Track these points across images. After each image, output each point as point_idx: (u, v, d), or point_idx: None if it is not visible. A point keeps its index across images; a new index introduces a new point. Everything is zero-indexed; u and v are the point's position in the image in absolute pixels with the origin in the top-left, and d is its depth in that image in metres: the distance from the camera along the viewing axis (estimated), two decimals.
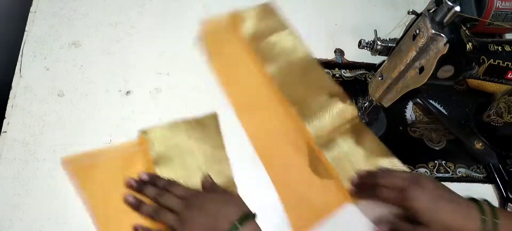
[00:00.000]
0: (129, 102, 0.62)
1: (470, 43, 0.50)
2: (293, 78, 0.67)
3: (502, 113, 0.64)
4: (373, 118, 0.67)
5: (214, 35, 0.69)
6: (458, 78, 0.52)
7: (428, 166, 0.66)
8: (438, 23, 0.48)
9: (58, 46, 0.63)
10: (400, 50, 0.55)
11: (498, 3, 0.63)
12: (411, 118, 0.70)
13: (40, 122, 0.57)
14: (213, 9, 0.72)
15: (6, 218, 0.51)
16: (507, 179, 0.65)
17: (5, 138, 0.56)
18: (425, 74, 0.50)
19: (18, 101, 0.58)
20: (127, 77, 0.64)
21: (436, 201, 0.49)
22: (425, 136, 0.69)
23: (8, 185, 0.53)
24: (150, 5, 0.70)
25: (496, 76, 0.54)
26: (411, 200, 0.50)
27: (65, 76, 0.61)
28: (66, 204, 0.53)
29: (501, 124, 0.65)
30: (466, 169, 0.67)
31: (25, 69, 0.61)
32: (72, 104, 0.60)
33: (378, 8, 0.80)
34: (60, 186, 0.54)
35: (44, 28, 0.64)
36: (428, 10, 0.49)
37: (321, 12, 0.77)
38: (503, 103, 0.64)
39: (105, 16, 0.67)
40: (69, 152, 0.56)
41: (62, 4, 0.66)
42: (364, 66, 0.73)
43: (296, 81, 0.67)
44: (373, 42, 0.58)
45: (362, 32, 0.73)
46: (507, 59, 0.52)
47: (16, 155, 0.55)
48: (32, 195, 0.53)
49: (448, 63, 0.49)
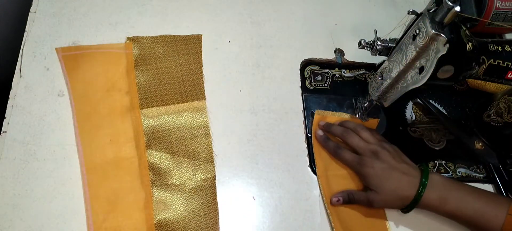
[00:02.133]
0: None
1: (470, 43, 0.50)
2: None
3: (502, 114, 0.64)
4: (373, 118, 0.67)
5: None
6: (458, 78, 0.52)
7: (428, 166, 0.66)
8: (438, 23, 0.48)
9: (58, 46, 0.63)
10: (400, 50, 0.55)
11: (498, 3, 0.63)
12: (411, 118, 0.70)
13: (40, 122, 0.57)
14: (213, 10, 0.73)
15: (6, 218, 0.51)
16: (507, 179, 0.65)
17: (5, 138, 0.56)
18: (425, 74, 0.50)
19: (18, 101, 0.58)
20: None
21: (387, 171, 0.56)
22: (425, 136, 0.69)
23: (8, 185, 0.53)
24: (150, 5, 0.70)
25: (496, 76, 0.54)
26: (365, 166, 0.58)
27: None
28: (66, 204, 0.54)
29: (501, 124, 0.65)
30: (466, 169, 0.67)
31: (25, 69, 0.61)
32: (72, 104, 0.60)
33: (378, 8, 0.80)
34: (60, 186, 0.54)
35: (44, 28, 0.64)
36: (428, 10, 0.49)
37: (321, 12, 0.77)
38: (503, 103, 0.64)
39: (105, 16, 0.67)
40: (69, 152, 0.56)
41: (62, 4, 0.66)
42: (364, 66, 0.73)
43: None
44: (373, 42, 0.58)
45: (362, 32, 0.74)
46: (507, 59, 0.52)
47: (16, 155, 0.55)
48: (32, 195, 0.53)
49: (448, 63, 0.49)
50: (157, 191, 0.56)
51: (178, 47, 0.66)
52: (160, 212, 0.55)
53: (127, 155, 0.57)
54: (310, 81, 0.69)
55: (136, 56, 0.64)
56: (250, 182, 0.60)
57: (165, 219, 0.55)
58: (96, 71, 0.61)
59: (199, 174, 0.58)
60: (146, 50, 0.64)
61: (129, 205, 0.55)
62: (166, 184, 0.57)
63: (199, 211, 0.56)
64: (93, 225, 0.53)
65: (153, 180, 0.56)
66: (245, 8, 0.74)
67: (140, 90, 0.61)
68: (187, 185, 0.57)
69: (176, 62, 0.65)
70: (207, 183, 0.58)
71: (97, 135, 0.58)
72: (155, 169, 0.57)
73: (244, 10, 0.74)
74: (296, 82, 0.69)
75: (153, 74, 0.63)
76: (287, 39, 0.73)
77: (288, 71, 0.70)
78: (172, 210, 0.55)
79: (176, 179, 0.57)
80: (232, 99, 0.66)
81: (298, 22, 0.75)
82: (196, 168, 0.58)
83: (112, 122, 0.59)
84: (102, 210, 0.54)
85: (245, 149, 0.62)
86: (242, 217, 0.58)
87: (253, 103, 0.66)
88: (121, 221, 0.54)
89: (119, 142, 0.58)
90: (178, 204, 0.56)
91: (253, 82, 0.68)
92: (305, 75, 0.70)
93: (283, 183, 0.61)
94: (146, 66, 0.63)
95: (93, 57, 0.62)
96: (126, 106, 0.60)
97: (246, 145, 0.62)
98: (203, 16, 0.71)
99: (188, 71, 0.65)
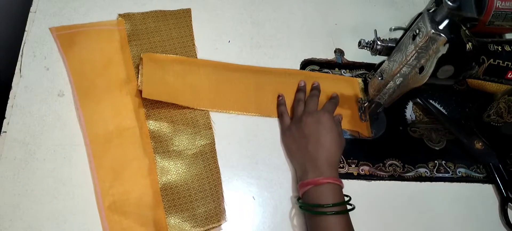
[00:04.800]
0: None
1: (470, 43, 0.50)
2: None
3: (502, 114, 0.64)
4: (373, 118, 0.67)
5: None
6: (458, 78, 0.52)
7: (428, 166, 0.66)
8: (438, 23, 0.48)
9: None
10: (400, 50, 0.55)
11: (498, 3, 0.63)
12: (411, 118, 0.70)
13: (40, 122, 0.57)
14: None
15: (6, 218, 0.51)
16: (507, 179, 0.65)
17: (5, 138, 0.56)
18: (425, 74, 0.50)
19: (18, 101, 0.58)
20: None
21: (294, 145, 0.60)
22: (425, 136, 0.69)
23: (8, 185, 0.53)
24: (150, 5, 0.69)
25: (496, 76, 0.54)
26: (284, 135, 0.62)
27: (65, 76, 0.61)
28: (66, 204, 0.54)
29: (501, 124, 0.65)
30: (466, 169, 0.67)
31: (25, 69, 0.61)
32: (72, 104, 0.60)
33: (378, 8, 0.80)
34: (60, 186, 0.54)
35: (44, 28, 0.64)
36: (428, 10, 0.49)
37: (321, 12, 0.77)
38: (503, 103, 0.64)
39: (105, 16, 0.67)
40: (69, 152, 0.56)
41: (62, 4, 0.66)
42: (364, 66, 0.73)
43: None
44: (373, 42, 0.58)
45: (362, 32, 0.73)
46: (507, 59, 0.52)
47: (16, 155, 0.55)
48: (32, 195, 0.53)
49: (448, 63, 0.49)
50: (160, 158, 0.58)
51: (169, 22, 0.68)
52: (164, 176, 0.57)
53: (128, 126, 0.59)
54: None
55: (129, 32, 0.65)
56: (250, 182, 0.60)
57: (169, 183, 0.57)
58: (91, 48, 0.63)
59: (199, 140, 0.60)
60: (138, 26, 0.66)
61: (133, 172, 0.57)
62: (168, 151, 0.59)
63: (201, 174, 0.58)
64: (101, 192, 0.54)
65: (155, 148, 0.58)
66: (245, 8, 0.74)
67: (136, 64, 0.63)
68: (188, 151, 0.59)
69: (169, 35, 0.67)
70: (207, 148, 0.60)
71: (98, 108, 0.59)
72: (156, 138, 0.59)
73: (244, 10, 0.74)
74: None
75: (147, 48, 0.65)
76: (287, 39, 0.73)
77: None
78: (175, 174, 0.57)
79: (177, 145, 0.59)
80: None
81: (298, 22, 0.75)
82: (195, 135, 0.60)
83: (111, 95, 0.61)
84: (108, 178, 0.55)
85: (245, 149, 0.62)
86: (242, 217, 0.58)
87: None
88: (127, 187, 0.56)
89: (120, 114, 0.60)
90: (181, 169, 0.58)
91: None
92: None
93: (283, 183, 0.61)
94: (140, 41, 0.65)
95: (87, 35, 0.64)
96: (124, 79, 0.62)
97: (246, 145, 0.62)
98: (203, 16, 0.71)
99: (181, 44, 0.67)
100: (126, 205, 0.55)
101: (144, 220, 0.54)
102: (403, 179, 0.64)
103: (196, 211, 0.56)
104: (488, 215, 0.64)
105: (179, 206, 0.56)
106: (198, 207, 0.56)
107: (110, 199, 0.54)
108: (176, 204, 0.56)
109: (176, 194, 0.56)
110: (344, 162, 0.63)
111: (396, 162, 0.65)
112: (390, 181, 0.64)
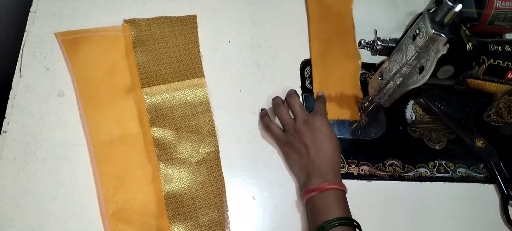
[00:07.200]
0: None
1: (470, 43, 0.50)
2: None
3: (502, 114, 0.64)
4: (373, 118, 0.67)
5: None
6: (458, 78, 0.52)
7: (428, 165, 0.66)
8: (438, 23, 0.48)
9: (58, 46, 0.63)
10: (400, 50, 0.55)
11: (498, 3, 0.63)
12: (411, 118, 0.70)
13: (40, 122, 0.57)
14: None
15: (6, 218, 0.51)
16: (507, 177, 0.65)
17: (5, 138, 0.56)
18: (425, 74, 0.50)
19: (18, 101, 0.58)
20: None
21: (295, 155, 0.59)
22: (425, 135, 0.69)
23: (8, 185, 0.53)
24: (150, 5, 0.69)
25: (496, 76, 0.54)
26: (285, 146, 0.60)
27: (65, 76, 0.61)
28: (66, 204, 0.54)
29: (501, 124, 0.65)
30: (466, 169, 0.67)
31: (25, 69, 0.61)
32: (72, 104, 0.60)
33: (378, 8, 0.80)
34: (60, 186, 0.54)
35: (44, 28, 0.64)
36: (428, 10, 0.49)
37: None
38: (503, 103, 0.64)
39: (105, 16, 0.67)
40: (69, 152, 0.56)
41: (62, 4, 0.66)
42: (364, 66, 0.73)
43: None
44: (373, 42, 0.58)
45: (362, 32, 0.73)
46: (507, 59, 0.52)
47: (16, 155, 0.55)
48: (32, 195, 0.53)
49: (448, 63, 0.49)
50: (164, 165, 0.58)
51: (175, 28, 0.67)
52: (167, 184, 0.57)
53: (132, 132, 0.59)
54: (310, 81, 0.69)
55: (134, 38, 0.65)
56: (250, 182, 0.60)
57: (173, 191, 0.57)
58: (96, 54, 0.63)
59: (203, 147, 0.60)
60: (143, 32, 0.66)
61: (137, 179, 0.56)
62: (172, 158, 0.58)
63: (205, 182, 0.58)
64: (104, 200, 0.54)
65: (159, 155, 0.58)
66: (245, 8, 0.74)
67: (140, 70, 0.63)
68: (192, 159, 0.59)
69: (174, 42, 0.66)
70: (211, 156, 0.60)
71: (102, 115, 0.59)
72: (160, 145, 0.59)
73: (244, 10, 0.74)
74: (296, 82, 0.69)
75: (152, 54, 0.64)
76: (287, 39, 0.73)
77: (288, 71, 0.70)
78: (179, 182, 0.57)
79: (181, 153, 0.59)
80: (232, 99, 0.66)
81: (298, 22, 0.75)
82: (199, 142, 0.60)
83: (115, 102, 0.60)
84: (112, 185, 0.55)
85: (245, 149, 0.62)
86: (242, 217, 0.58)
87: (253, 103, 0.66)
88: (131, 195, 0.55)
89: (124, 120, 0.59)
90: (185, 177, 0.58)
91: (253, 82, 0.68)
92: (305, 75, 0.70)
93: (283, 183, 0.61)
94: (145, 47, 0.65)
95: (92, 40, 0.64)
96: (128, 86, 0.62)
97: (246, 145, 0.62)
98: (203, 16, 0.71)
99: (186, 50, 0.66)
100: (130, 213, 0.55)
101: (147, 229, 0.54)
102: (403, 179, 0.64)
103: (200, 220, 0.56)
104: (488, 215, 0.64)
105: (183, 215, 0.56)
106: (202, 215, 0.56)
107: (114, 207, 0.54)
108: (180, 213, 0.56)
109: (179, 202, 0.56)
110: (344, 162, 0.64)
111: (396, 162, 0.65)
112: (390, 181, 0.64)
